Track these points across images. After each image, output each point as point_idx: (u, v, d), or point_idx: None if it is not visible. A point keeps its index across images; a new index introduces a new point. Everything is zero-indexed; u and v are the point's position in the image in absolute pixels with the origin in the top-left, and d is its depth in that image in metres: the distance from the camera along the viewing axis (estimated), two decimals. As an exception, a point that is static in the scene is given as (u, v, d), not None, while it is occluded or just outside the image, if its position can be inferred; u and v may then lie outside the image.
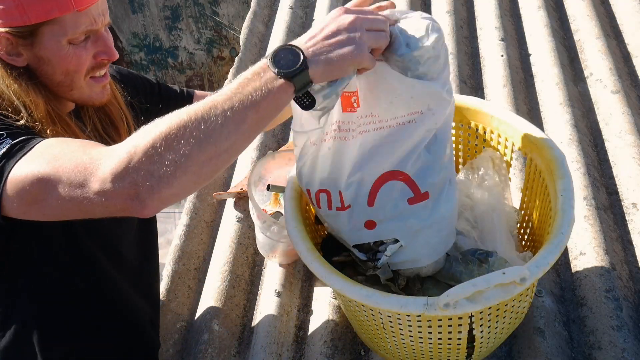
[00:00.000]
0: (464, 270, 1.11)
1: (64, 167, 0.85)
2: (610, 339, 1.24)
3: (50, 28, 1.00)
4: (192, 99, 1.41)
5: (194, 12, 4.65)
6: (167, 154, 0.81)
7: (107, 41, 1.08)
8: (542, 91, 1.97)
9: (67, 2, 0.99)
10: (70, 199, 0.85)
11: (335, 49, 0.88)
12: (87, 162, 0.84)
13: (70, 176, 0.84)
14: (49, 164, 0.87)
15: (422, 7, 2.51)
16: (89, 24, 1.03)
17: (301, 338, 1.41)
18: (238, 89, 0.85)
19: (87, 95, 1.11)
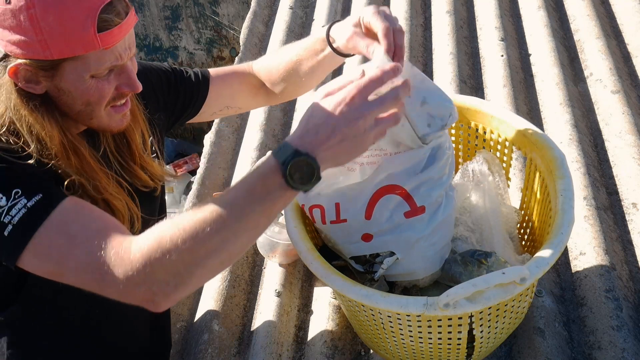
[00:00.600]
0: (463, 271, 1.11)
1: (80, 259, 0.91)
2: (610, 339, 1.24)
3: (73, 64, 0.96)
4: (208, 83, 1.34)
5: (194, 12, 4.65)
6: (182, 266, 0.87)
7: (131, 74, 1.04)
8: (542, 91, 1.97)
9: (92, 41, 0.94)
10: (86, 285, 0.92)
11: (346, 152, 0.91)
12: (102, 262, 0.88)
13: (86, 269, 0.90)
14: (64, 249, 0.92)
15: (422, 7, 2.51)
16: (114, 60, 0.99)
17: (301, 338, 1.41)
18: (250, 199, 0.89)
19: (106, 124, 1.07)
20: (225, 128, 2.06)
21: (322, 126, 0.89)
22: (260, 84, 1.37)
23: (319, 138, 0.89)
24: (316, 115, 0.91)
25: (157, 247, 0.87)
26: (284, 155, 0.88)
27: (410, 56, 2.18)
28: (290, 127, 2.06)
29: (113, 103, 1.05)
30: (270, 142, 1.96)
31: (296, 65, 1.26)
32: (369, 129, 0.90)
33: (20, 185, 0.94)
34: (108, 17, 0.94)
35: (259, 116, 2.03)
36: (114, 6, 0.95)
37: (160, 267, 0.87)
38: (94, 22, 0.92)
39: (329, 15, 2.49)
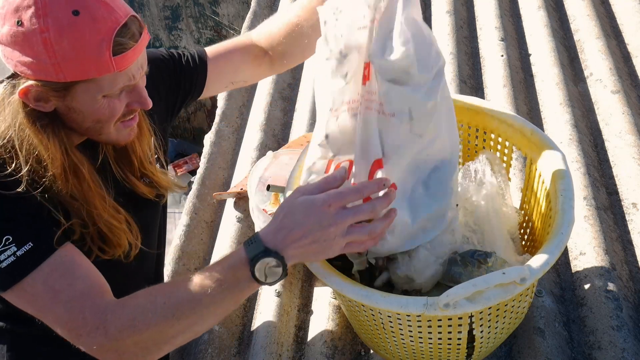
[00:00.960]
0: (463, 271, 1.11)
1: (60, 315, 0.97)
2: (610, 339, 1.24)
3: (86, 85, 0.95)
4: (205, 64, 1.33)
5: (194, 12, 4.65)
6: (152, 343, 0.97)
7: (142, 91, 1.04)
8: (542, 91, 1.97)
9: (107, 65, 0.93)
10: (60, 334, 0.98)
11: (314, 253, 0.97)
12: (80, 325, 0.96)
13: (64, 326, 0.97)
14: (47, 302, 0.97)
15: (422, 7, 2.51)
16: (127, 80, 0.99)
17: (301, 338, 1.41)
18: (220, 288, 0.96)
19: (115, 138, 1.08)
20: (225, 128, 2.06)
21: (295, 227, 0.94)
22: (262, 52, 1.35)
23: (290, 237, 0.94)
24: (291, 215, 0.95)
25: (130, 325, 0.95)
26: (253, 251, 0.95)
27: (410, 56, 2.18)
28: (290, 127, 2.06)
29: (122, 119, 1.05)
30: (270, 142, 1.96)
31: (297, 27, 1.25)
32: (340, 235, 0.95)
33: (12, 232, 0.95)
34: (123, 40, 0.93)
35: (259, 116, 2.03)
36: (129, 28, 0.95)
37: (131, 342, 0.95)
38: (109, 46, 0.92)
39: (329, 15, 2.49)
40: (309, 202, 0.95)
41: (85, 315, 0.96)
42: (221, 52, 1.36)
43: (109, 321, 0.95)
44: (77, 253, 1.02)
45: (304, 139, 1.85)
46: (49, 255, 0.97)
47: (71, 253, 1.01)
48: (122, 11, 0.94)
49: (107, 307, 0.97)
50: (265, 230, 0.97)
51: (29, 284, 0.96)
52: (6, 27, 0.90)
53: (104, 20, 0.91)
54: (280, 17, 1.31)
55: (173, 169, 4.49)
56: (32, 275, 0.96)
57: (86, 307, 0.97)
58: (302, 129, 1.97)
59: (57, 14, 0.89)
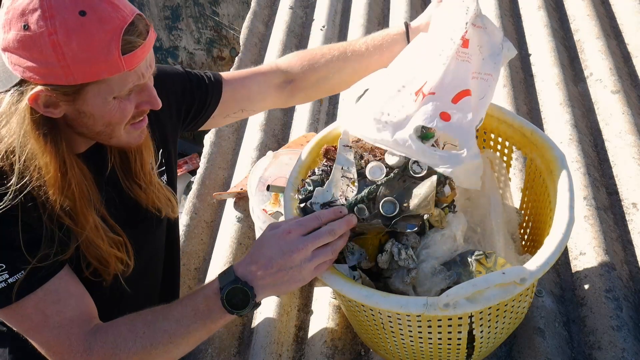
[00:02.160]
0: (463, 271, 1.11)
1: (47, 339, 1.01)
2: (610, 339, 1.24)
3: (96, 87, 0.94)
4: (220, 85, 1.32)
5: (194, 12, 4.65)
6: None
7: (152, 91, 1.03)
8: (542, 91, 1.97)
9: (117, 64, 0.92)
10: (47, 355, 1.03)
11: (283, 282, 1.01)
12: (65, 351, 1.01)
13: (49, 349, 1.01)
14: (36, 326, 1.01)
15: (422, 7, 2.51)
16: (137, 80, 0.97)
17: (301, 338, 1.41)
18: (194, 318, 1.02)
19: (125, 141, 1.06)
20: (225, 128, 2.06)
21: (261, 257, 0.99)
22: (283, 82, 1.34)
23: (257, 268, 0.99)
24: (259, 248, 1.00)
25: (112, 353, 1.01)
26: (224, 280, 1.00)
27: (410, 56, 2.18)
28: (290, 127, 2.06)
29: (132, 121, 1.04)
30: (270, 142, 1.96)
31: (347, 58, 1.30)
32: (305, 261, 0.99)
33: (5, 261, 0.97)
34: (131, 38, 0.92)
35: (259, 116, 2.03)
36: (136, 26, 0.94)
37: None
38: (117, 45, 0.90)
39: (329, 15, 2.49)
40: (272, 233, 1.01)
41: (71, 341, 1.01)
42: (239, 77, 1.35)
43: (93, 349, 1.01)
44: (71, 281, 1.04)
45: (304, 139, 1.85)
46: (42, 284, 1.00)
47: (66, 280, 1.03)
48: (128, 10, 0.93)
49: (92, 335, 1.02)
50: (238, 262, 1.02)
51: (20, 306, 0.99)
52: (12, 33, 0.88)
53: (111, 19, 0.90)
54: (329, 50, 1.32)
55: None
56: (23, 300, 0.99)
57: (73, 334, 1.01)
58: (302, 129, 1.97)
59: (64, 15, 0.87)
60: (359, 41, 1.30)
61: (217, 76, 1.34)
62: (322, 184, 1.17)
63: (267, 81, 1.34)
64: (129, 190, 1.15)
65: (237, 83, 1.34)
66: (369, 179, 1.12)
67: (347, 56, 1.29)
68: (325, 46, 1.33)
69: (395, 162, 1.11)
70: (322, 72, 1.32)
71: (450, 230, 1.12)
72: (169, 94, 1.25)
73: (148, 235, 1.24)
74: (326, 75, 1.32)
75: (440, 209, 1.12)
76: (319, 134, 1.31)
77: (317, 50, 1.34)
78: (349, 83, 1.28)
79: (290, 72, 1.33)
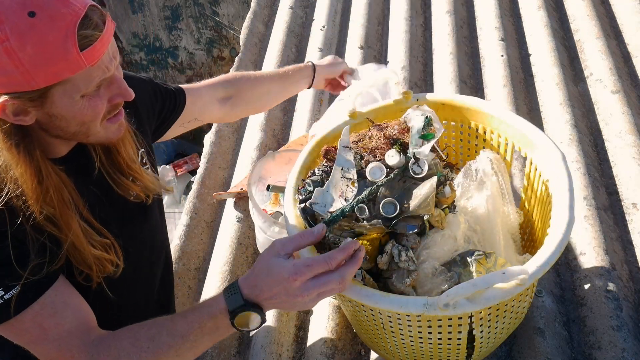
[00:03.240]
0: (463, 271, 1.11)
1: (49, 351, 1.00)
2: (610, 339, 1.24)
3: (61, 88, 0.91)
4: (184, 93, 1.39)
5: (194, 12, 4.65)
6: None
7: (121, 82, 1.00)
8: (542, 91, 1.97)
9: (77, 61, 0.88)
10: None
11: (291, 307, 0.99)
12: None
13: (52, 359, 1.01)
14: (36, 339, 1.00)
15: (422, 7, 2.51)
16: (102, 74, 0.94)
17: (301, 338, 1.41)
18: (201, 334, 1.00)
19: (104, 137, 1.05)
20: (225, 128, 2.06)
21: (266, 288, 0.97)
22: (224, 97, 1.47)
23: (263, 296, 0.97)
24: (264, 275, 0.97)
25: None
26: (233, 304, 0.98)
27: (410, 56, 2.18)
28: (290, 127, 2.06)
29: (108, 116, 1.02)
30: (270, 142, 1.96)
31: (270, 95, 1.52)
32: (309, 301, 0.97)
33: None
34: (87, 32, 0.89)
35: (259, 116, 2.03)
36: (90, 18, 0.90)
37: None
38: (74, 41, 0.87)
39: (329, 15, 2.49)
40: (278, 271, 0.96)
41: (73, 353, 1.00)
42: (195, 87, 1.44)
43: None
44: (66, 291, 1.03)
45: (304, 139, 1.85)
46: (37, 298, 0.98)
47: (61, 291, 1.02)
48: (80, 2, 0.89)
49: (94, 347, 1.01)
50: (243, 282, 1.00)
51: (18, 321, 0.98)
52: None
53: (63, 15, 0.86)
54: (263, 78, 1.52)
55: (173, 169, 4.48)
56: (21, 315, 0.98)
57: (74, 345, 1.00)
58: (302, 129, 1.97)
59: (13, 19, 0.83)
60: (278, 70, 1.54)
61: (178, 86, 1.41)
62: (322, 185, 1.17)
63: (214, 94, 1.45)
64: (118, 185, 1.14)
65: (195, 93, 1.41)
66: (369, 180, 1.12)
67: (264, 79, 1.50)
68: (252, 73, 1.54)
69: (396, 162, 1.11)
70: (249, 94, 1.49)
71: (450, 231, 1.12)
72: (137, 99, 1.23)
73: (137, 230, 1.24)
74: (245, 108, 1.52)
75: (440, 209, 1.12)
76: (319, 134, 1.31)
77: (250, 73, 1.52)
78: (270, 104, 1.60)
79: (229, 90, 1.47)
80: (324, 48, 2.32)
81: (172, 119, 1.37)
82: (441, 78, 2.06)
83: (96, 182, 1.11)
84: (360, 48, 2.27)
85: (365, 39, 2.32)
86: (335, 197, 1.13)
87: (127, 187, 1.15)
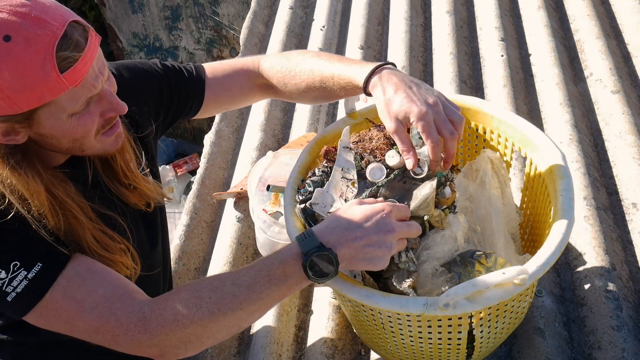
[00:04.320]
0: (463, 271, 1.11)
1: (90, 322, 0.94)
2: (610, 339, 1.24)
3: (47, 110, 0.88)
4: (203, 88, 1.28)
5: (194, 12, 4.65)
6: (195, 337, 0.95)
7: (112, 97, 0.96)
8: (542, 91, 1.97)
9: (58, 84, 0.85)
10: (96, 342, 0.96)
11: (365, 258, 0.96)
12: (114, 326, 0.93)
13: (97, 331, 0.94)
14: (73, 314, 0.94)
15: (422, 7, 2.51)
16: (88, 92, 0.91)
17: (301, 338, 1.41)
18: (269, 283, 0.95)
19: (101, 149, 1.02)
20: (225, 128, 2.06)
21: (352, 225, 0.94)
22: (266, 84, 1.30)
23: (346, 236, 0.93)
24: (349, 215, 0.95)
25: (173, 320, 0.93)
26: (308, 245, 0.93)
27: (410, 56, 2.19)
28: (290, 127, 2.06)
29: (103, 130, 0.99)
30: (270, 142, 1.96)
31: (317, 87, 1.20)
32: (392, 245, 0.96)
33: (18, 257, 0.92)
34: (66, 53, 0.85)
35: (259, 116, 2.03)
36: (70, 37, 0.86)
37: (174, 337, 0.93)
38: (53, 64, 0.84)
39: (329, 15, 2.49)
40: (368, 208, 0.96)
41: (118, 316, 0.94)
42: (220, 77, 1.29)
43: (147, 318, 0.93)
44: (89, 260, 0.99)
45: (304, 139, 1.85)
46: (61, 271, 0.94)
47: (84, 261, 0.98)
48: (58, 21, 0.85)
49: (142, 305, 0.95)
50: (319, 227, 0.95)
51: (49, 301, 0.94)
52: None
53: (39, 37, 0.83)
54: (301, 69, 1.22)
55: (173, 169, 4.49)
56: (50, 293, 0.93)
57: (116, 309, 0.94)
58: (302, 129, 1.97)
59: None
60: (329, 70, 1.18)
61: (199, 78, 1.27)
62: (322, 185, 1.17)
63: (250, 81, 1.30)
64: (116, 193, 1.12)
65: (219, 86, 1.29)
66: (369, 181, 1.12)
67: (314, 86, 1.21)
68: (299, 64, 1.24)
69: (396, 163, 1.11)
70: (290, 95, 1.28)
71: (451, 231, 1.12)
72: (147, 97, 1.21)
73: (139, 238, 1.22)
74: (292, 97, 1.29)
75: (440, 209, 1.12)
76: (319, 134, 1.31)
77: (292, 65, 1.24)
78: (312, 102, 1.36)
79: (269, 81, 1.29)
80: (324, 48, 2.32)
81: (190, 115, 1.31)
82: (441, 78, 2.06)
83: (94, 189, 1.09)
84: (360, 48, 2.27)
85: (365, 39, 2.32)
86: (335, 198, 1.13)
87: (125, 197, 1.13)
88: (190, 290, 0.96)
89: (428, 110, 0.99)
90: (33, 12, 0.84)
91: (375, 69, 1.08)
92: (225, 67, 1.31)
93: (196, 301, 0.94)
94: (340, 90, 1.17)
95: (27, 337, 1.12)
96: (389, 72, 1.06)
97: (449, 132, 1.01)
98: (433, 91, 1.04)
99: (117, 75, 1.15)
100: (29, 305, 0.94)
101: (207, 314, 0.93)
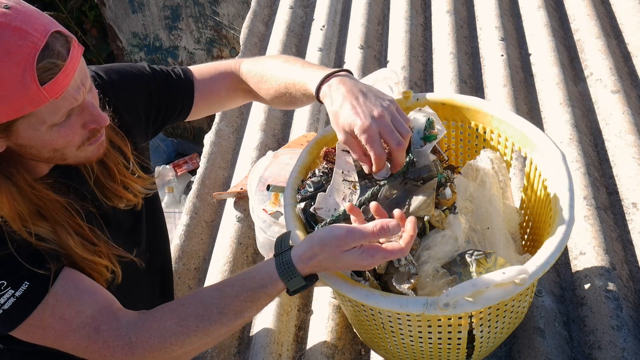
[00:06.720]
0: (463, 271, 1.11)
1: (78, 342, 0.96)
2: (610, 339, 1.24)
3: (26, 121, 0.87)
4: (192, 93, 1.28)
5: (194, 12, 4.65)
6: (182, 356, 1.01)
7: (93, 109, 0.94)
8: (542, 91, 1.97)
9: (38, 96, 0.83)
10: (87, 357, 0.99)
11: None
12: (101, 346, 0.96)
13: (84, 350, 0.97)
14: (60, 333, 0.96)
15: (422, 7, 2.51)
16: (70, 104, 0.89)
17: (301, 338, 1.41)
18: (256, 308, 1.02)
19: (83, 157, 1.01)
20: (225, 128, 2.06)
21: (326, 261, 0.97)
22: (245, 88, 1.33)
23: (322, 265, 0.98)
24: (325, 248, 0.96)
25: (161, 347, 0.97)
26: (294, 285, 0.99)
27: (410, 56, 2.18)
28: (290, 126, 2.06)
29: (87, 142, 0.98)
30: (270, 142, 1.96)
31: (284, 93, 1.23)
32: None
33: (5, 277, 0.92)
34: (47, 64, 0.83)
35: (259, 116, 2.03)
36: (52, 48, 0.84)
37: (158, 354, 0.98)
38: (33, 76, 0.82)
39: (329, 15, 2.49)
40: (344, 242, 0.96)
41: (105, 338, 0.96)
42: (208, 80, 1.30)
43: (133, 343, 0.96)
44: (77, 277, 1.00)
45: (304, 138, 1.85)
46: (48, 289, 0.95)
47: (72, 278, 0.98)
48: (40, 31, 0.83)
49: (127, 328, 0.97)
50: (299, 256, 0.99)
51: (36, 319, 0.94)
52: None
53: (19, 49, 0.81)
54: (274, 75, 1.24)
55: (173, 169, 4.48)
56: (37, 310, 0.94)
57: (102, 330, 0.96)
58: (302, 129, 1.97)
59: None
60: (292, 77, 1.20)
61: (188, 81, 1.28)
62: (322, 186, 1.17)
63: (233, 84, 1.33)
64: (105, 194, 1.11)
65: (207, 89, 1.30)
66: (368, 182, 1.13)
67: (280, 92, 1.23)
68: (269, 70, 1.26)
69: None
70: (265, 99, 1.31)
71: (451, 231, 1.12)
72: (136, 99, 1.21)
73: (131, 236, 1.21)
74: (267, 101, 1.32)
75: (440, 210, 1.12)
76: (319, 134, 1.31)
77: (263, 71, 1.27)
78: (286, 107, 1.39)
79: (248, 85, 1.31)
80: (324, 48, 2.32)
81: (180, 118, 1.31)
82: (441, 78, 2.06)
83: (82, 194, 1.08)
84: (360, 48, 2.27)
85: (365, 39, 2.32)
86: (338, 202, 1.13)
87: (120, 195, 1.13)
88: (175, 319, 0.99)
89: (372, 123, 1.00)
90: (13, 23, 0.82)
91: (325, 77, 1.09)
92: (210, 69, 1.33)
93: (183, 330, 0.98)
94: (303, 97, 1.18)
95: (22, 345, 1.12)
96: (339, 80, 1.07)
97: (396, 143, 1.01)
98: (382, 100, 1.03)
99: (106, 78, 1.15)
100: (15, 322, 0.95)
101: (196, 340, 0.99)
